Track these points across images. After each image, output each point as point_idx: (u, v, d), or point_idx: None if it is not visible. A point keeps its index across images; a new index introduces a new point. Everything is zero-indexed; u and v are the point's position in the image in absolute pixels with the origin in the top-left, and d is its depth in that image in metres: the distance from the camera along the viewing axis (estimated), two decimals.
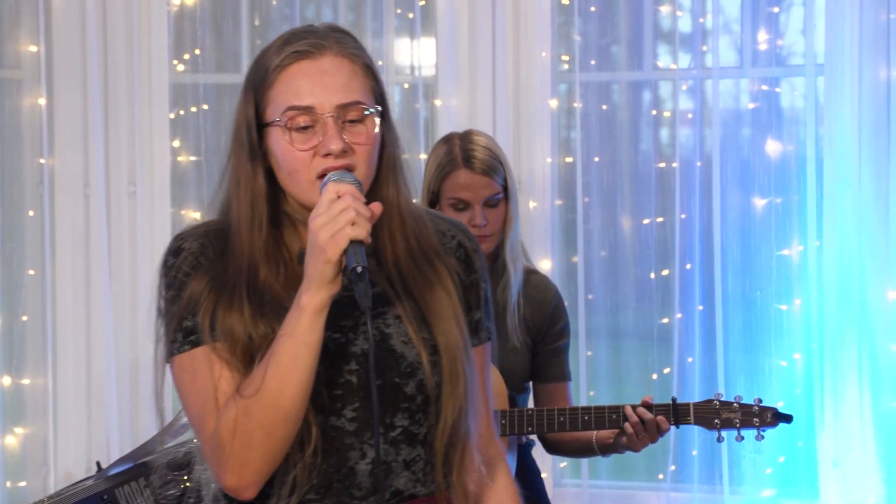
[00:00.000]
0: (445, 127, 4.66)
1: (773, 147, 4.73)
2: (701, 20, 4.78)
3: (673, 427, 3.53)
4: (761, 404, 3.55)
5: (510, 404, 3.55)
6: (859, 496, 4.54)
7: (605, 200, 4.88)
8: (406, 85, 4.95)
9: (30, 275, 4.90)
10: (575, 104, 4.85)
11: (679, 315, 4.75)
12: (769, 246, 4.72)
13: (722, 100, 4.79)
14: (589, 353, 4.84)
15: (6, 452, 4.86)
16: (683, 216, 4.74)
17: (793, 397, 4.62)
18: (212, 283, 2.15)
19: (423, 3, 4.89)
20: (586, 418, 3.52)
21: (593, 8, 4.85)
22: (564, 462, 4.90)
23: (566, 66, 4.92)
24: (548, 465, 4.65)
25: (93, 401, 4.92)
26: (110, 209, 4.91)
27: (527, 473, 3.66)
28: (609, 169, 4.88)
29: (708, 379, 4.70)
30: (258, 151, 2.18)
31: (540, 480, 3.73)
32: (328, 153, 2.13)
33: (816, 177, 4.63)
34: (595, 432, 3.59)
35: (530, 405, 3.71)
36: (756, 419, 3.53)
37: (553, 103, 4.87)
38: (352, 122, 2.16)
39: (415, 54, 4.89)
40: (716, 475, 4.70)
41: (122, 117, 4.92)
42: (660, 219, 4.82)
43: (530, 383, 3.66)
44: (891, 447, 4.52)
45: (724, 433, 3.56)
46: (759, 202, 4.73)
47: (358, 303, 2.03)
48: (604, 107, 4.91)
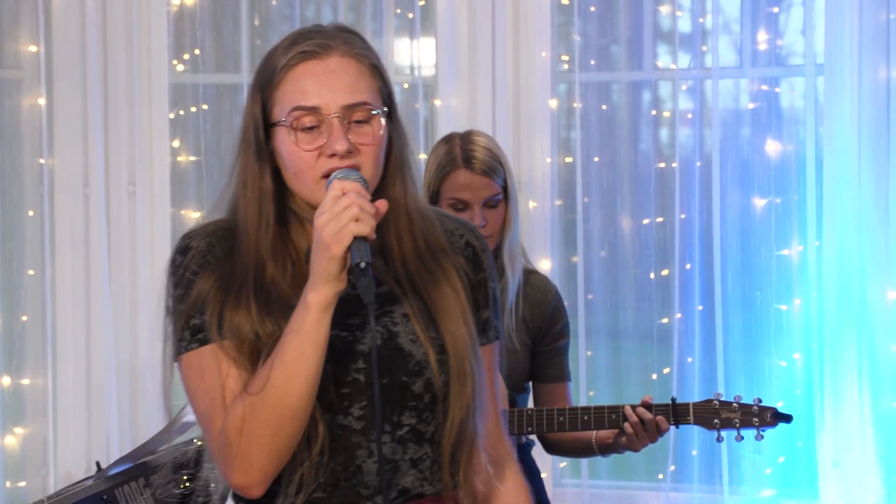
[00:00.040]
0: (445, 127, 4.65)
1: (773, 147, 4.73)
2: (701, 20, 4.78)
3: (672, 427, 3.53)
4: (761, 404, 3.55)
5: (510, 404, 3.55)
6: (859, 496, 4.54)
7: (605, 200, 4.88)
8: (406, 85, 4.95)
9: (29, 275, 4.90)
10: (575, 104, 4.84)
11: (679, 315, 4.75)
12: (769, 246, 4.72)
13: (722, 100, 4.79)
14: (589, 353, 4.84)
15: (6, 452, 4.86)
16: (683, 216, 4.74)
17: (792, 397, 4.61)
18: (219, 282, 2.15)
19: (423, 3, 4.88)
20: (586, 418, 3.52)
21: (593, 8, 4.85)
22: (564, 462, 4.89)
23: (566, 66, 4.92)
24: (547, 465, 4.65)
25: (92, 401, 4.92)
26: (110, 209, 4.91)
27: (526, 473, 3.64)
28: (609, 169, 4.88)
29: (707, 379, 4.70)
30: (265, 151, 2.19)
31: (539, 480, 3.73)
32: (333, 154, 2.14)
33: (816, 177, 4.63)
34: (595, 432, 3.59)
35: (530, 405, 3.70)
36: (756, 419, 3.53)
37: (553, 103, 4.87)
38: (358, 123, 2.17)
39: (414, 54, 4.89)
40: (715, 475, 4.70)
41: (122, 117, 4.92)
42: (659, 219, 4.82)
43: (530, 383, 3.66)
44: (890, 447, 4.52)
45: (724, 433, 3.55)
46: (759, 202, 4.73)
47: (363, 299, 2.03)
48: (603, 107, 4.90)
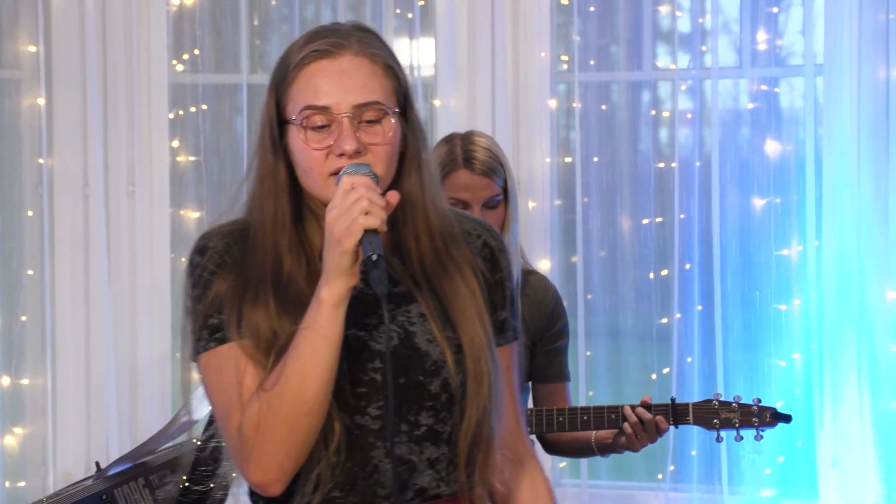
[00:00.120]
0: (444, 127, 4.65)
1: (773, 147, 4.73)
2: (700, 20, 4.77)
3: (672, 427, 3.54)
4: (760, 404, 3.55)
5: None
6: (858, 496, 4.53)
7: (605, 200, 4.88)
8: None
9: (29, 275, 4.90)
10: (574, 104, 4.84)
11: (678, 315, 4.74)
12: (768, 246, 4.72)
13: (721, 100, 4.79)
14: (588, 353, 4.83)
15: (5, 452, 4.86)
16: (682, 216, 4.74)
17: (792, 397, 4.61)
18: (237, 281, 2.16)
19: (423, 3, 4.88)
20: (585, 418, 3.52)
21: (592, 8, 4.84)
22: (563, 462, 4.89)
23: (565, 67, 4.91)
24: (547, 465, 4.65)
25: (92, 401, 4.92)
26: (109, 209, 4.91)
27: None
28: (608, 169, 4.88)
29: (707, 379, 4.70)
30: (279, 147, 2.20)
31: None
32: (342, 153, 2.14)
33: (815, 177, 4.63)
34: (594, 432, 3.59)
35: (529, 405, 3.71)
36: (755, 419, 3.53)
37: (552, 103, 4.87)
38: (369, 123, 2.16)
39: (414, 54, 4.88)
40: (715, 475, 4.69)
41: (122, 117, 4.92)
42: (659, 219, 4.82)
43: (529, 383, 3.66)
44: (890, 447, 4.52)
45: (723, 433, 3.56)
46: (759, 202, 4.73)
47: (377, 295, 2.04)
48: (603, 107, 4.90)
